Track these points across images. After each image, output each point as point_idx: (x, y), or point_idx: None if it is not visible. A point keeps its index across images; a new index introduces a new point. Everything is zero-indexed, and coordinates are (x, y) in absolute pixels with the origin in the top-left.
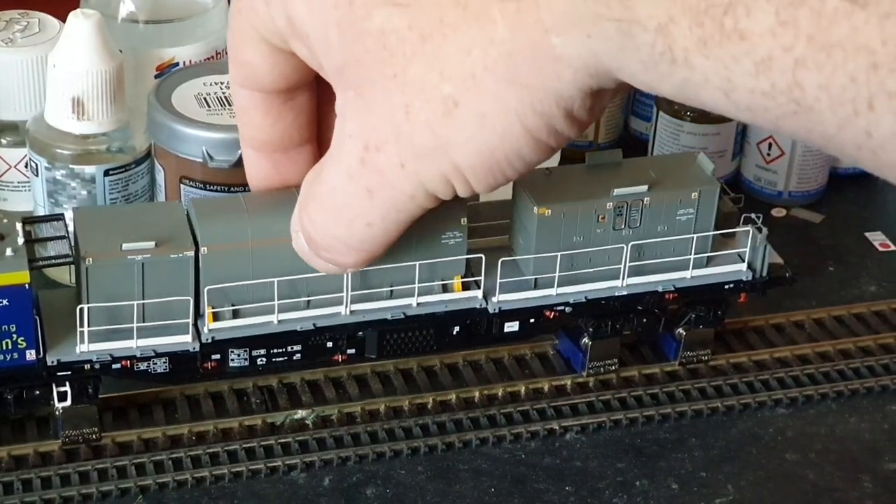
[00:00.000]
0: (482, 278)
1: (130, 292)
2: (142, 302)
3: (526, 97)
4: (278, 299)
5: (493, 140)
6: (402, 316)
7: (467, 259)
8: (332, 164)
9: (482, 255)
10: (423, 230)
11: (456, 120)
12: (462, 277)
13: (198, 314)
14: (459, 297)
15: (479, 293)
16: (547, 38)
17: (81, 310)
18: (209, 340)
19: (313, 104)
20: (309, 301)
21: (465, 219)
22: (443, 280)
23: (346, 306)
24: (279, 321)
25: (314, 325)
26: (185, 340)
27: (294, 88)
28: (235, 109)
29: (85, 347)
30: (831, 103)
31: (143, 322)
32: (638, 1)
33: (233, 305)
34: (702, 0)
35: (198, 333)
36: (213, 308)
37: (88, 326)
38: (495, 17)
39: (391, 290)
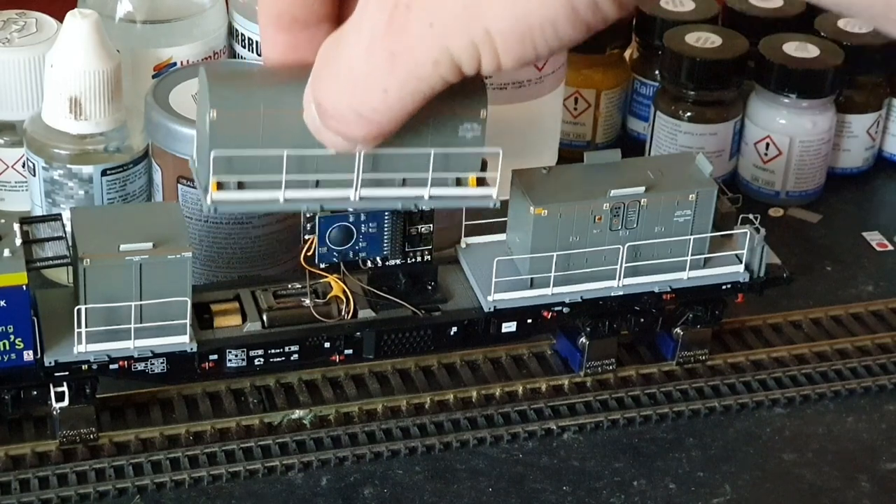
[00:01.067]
0: (498, 175)
1: (128, 293)
2: (139, 303)
3: None
4: (286, 175)
5: (530, 5)
6: (414, 208)
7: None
8: (353, 27)
9: (499, 150)
10: (440, 118)
11: None
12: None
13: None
14: (473, 192)
15: (493, 191)
16: None
17: (79, 310)
18: (213, 211)
19: None
20: (318, 182)
21: (485, 111)
22: (457, 174)
23: (356, 190)
24: (285, 199)
25: (321, 206)
26: (182, 341)
27: None
28: None
29: (83, 348)
30: None
31: (141, 323)
32: None
33: (239, 178)
34: None
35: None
36: (218, 178)
37: (86, 327)
38: None
39: (403, 180)
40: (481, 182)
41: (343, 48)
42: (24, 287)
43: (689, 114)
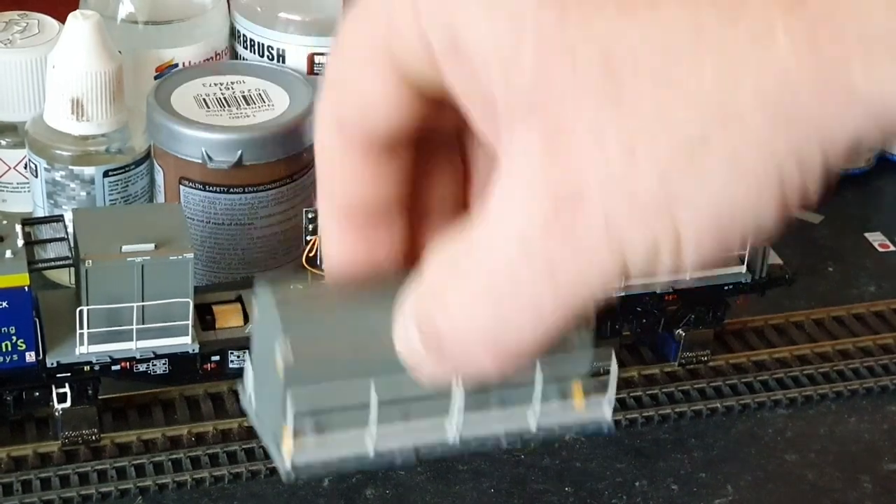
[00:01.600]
0: (612, 391)
1: (130, 294)
2: (141, 304)
3: (795, 140)
4: (372, 413)
5: (738, 193)
6: (518, 444)
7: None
8: (493, 231)
9: (612, 349)
10: None
11: (698, 164)
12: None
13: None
14: (585, 416)
15: (607, 412)
16: (847, 70)
17: (81, 311)
18: (291, 478)
19: (413, 167)
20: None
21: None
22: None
23: (456, 428)
24: (376, 452)
25: (416, 454)
26: (184, 342)
27: (403, 141)
28: (318, 159)
29: (84, 349)
30: None
31: (143, 324)
32: None
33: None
34: None
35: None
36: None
37: (88, 328)
38: (778, 35)
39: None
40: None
41: (480, 255)
42: (26, 288)
43: None
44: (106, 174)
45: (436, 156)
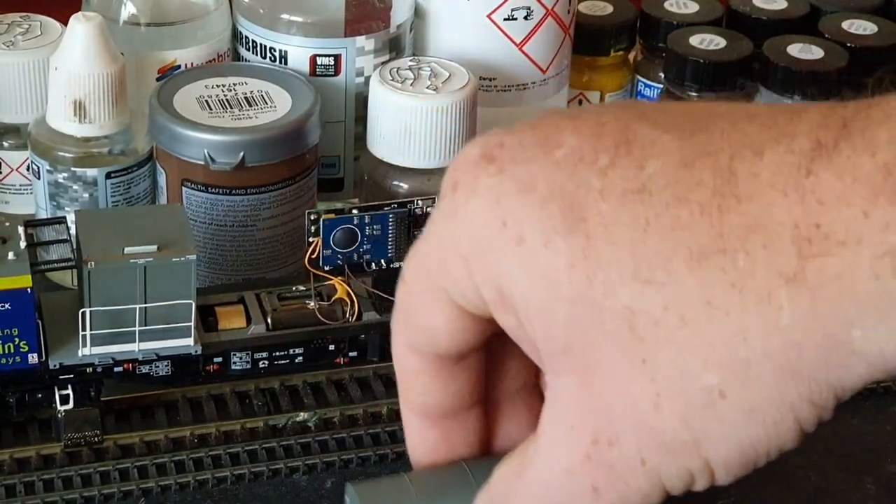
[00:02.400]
0: None
1: (132, 296)
2: (144, 305)
3: (805, 389)
4: None
5: (759, 434)
6: None
7: None
8: (544, 458)
9: None
10: None
11: (718, 412)
12: None
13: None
14: None
15: None
16: (846, 330)
17: (83, 313)
18: None
19: (484, 362)
20: None
21: None
22: None
23: None
24: None
25: None
26: (187, 343)
27: (471, 353)
28: (399, 373)
29: (87, 351)
30: None
31: (146, 325)
32: None
33: None
34: None
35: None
36: None
37: (90, 330)
38: (781, 302)
39: None
40: None
41: (535, 479)
42: (29, 290)
43: None
44: (108, 176)
45: (508, 347)
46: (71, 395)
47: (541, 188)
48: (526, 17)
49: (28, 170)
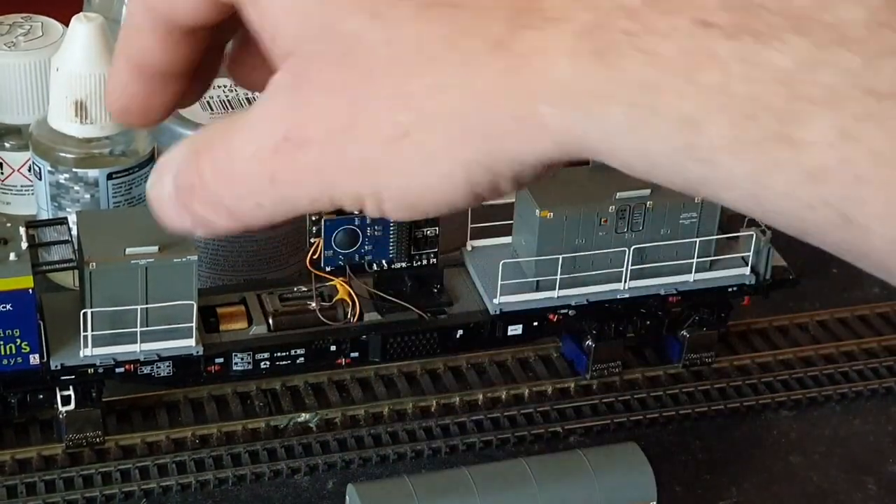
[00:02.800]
0: None
1: (134, 296)
2: (145, 306)
3: (484, 152)
4: None
5: (430, 181)
6: None
7: None
8: (243, 131)
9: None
10: None
11: (400, 149)
12: None
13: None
14: None
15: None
16: (535, 104)
17: (85, 314)
18: None
19: (210, 41)
20: None
21: None
22: None
23: None
24: None
25: None
26: (188, 344)
27: (203, 30)
28: (127, 27)
29: (89, 351)
30: (891, 221)
31: (147, 326)
32: (663, 89)
33: None
34: (747, 100)
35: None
36: None
37: (92, 330)
38: (480, 65)
39: None
40: None
41: (231, 144)
42: (31, 290)
43: None
44: (110, 177)
45: (228, 36)
46: (72, 396)
47: None
48: None
49: (29, 170)
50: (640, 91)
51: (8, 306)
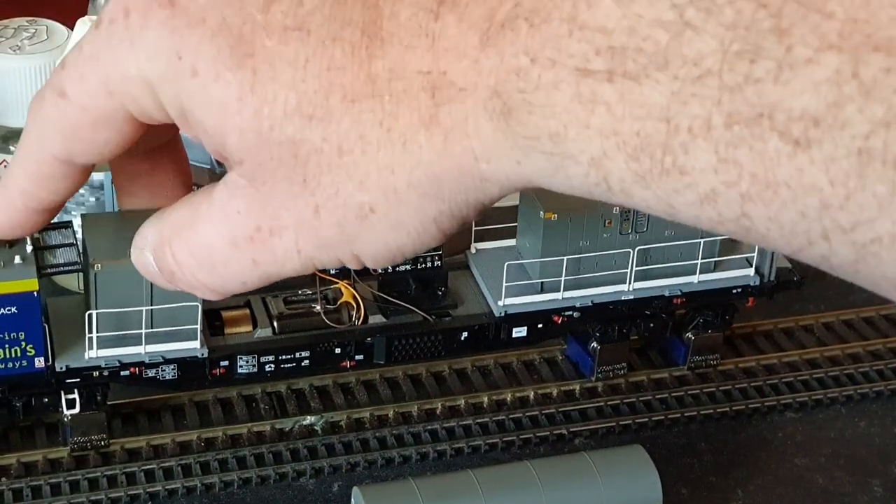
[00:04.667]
0: None
1: (139, 298)
2: (150, 308)
3: (445, 206)
4: None
5: (404, 240)
6: None
7: None
8: (213, 224)
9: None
10: None
11: (369, 224)
12: None
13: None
14: None
15: None
16: (476, 164)
17: (90, 315)
18: None
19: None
20: None
21: None
22: None
23: None
24: None
25: None
26: (193, 346)
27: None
28: (29, 171)
29: (94, 353)
30: (783, 233)
31: (152, 328)
32: (568, 137)
33: None
34: (635, 137)
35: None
36: None
37: (97, 332)
38: (421, 142)
39: None
40: None
41: (202, 238)
42: (36, 293)
43: None
44: None
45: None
46: (77, 399)
47: (210, 22)
48: None
49: None
50: (551, 141)
51: (13, 309)
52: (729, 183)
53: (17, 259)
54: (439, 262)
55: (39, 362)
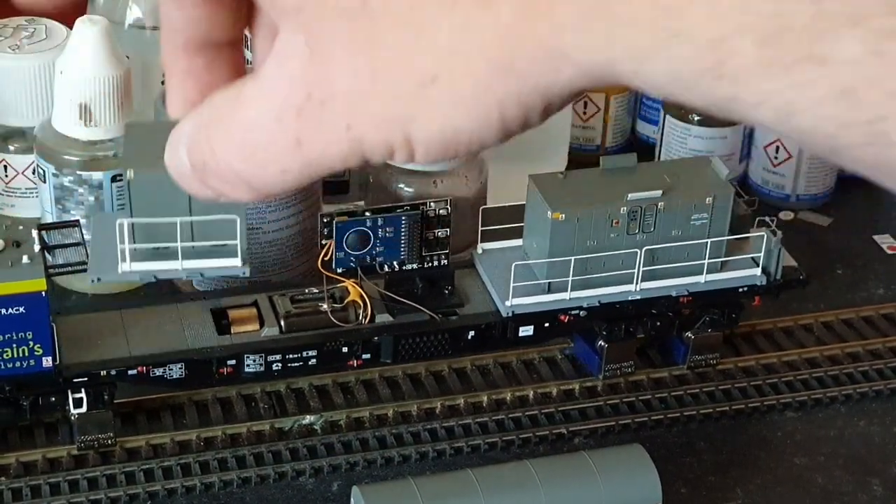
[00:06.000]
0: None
1: (177, 210)
2: (189, 219)
3: (514, 87)
4: None
5: (463, 123)
6: None
7: None
8: (258, 99)
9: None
10: None
11: (429, 95)
12: None
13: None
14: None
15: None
16: (559, 33)
17: (121, 224)
18: None
19: (239, 19)
20: None
21: None
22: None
23: None
24: None
25: None
26: (234, 263)
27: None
28: (164, 5)
29: (128, 266)
30: None
31: (192, 241)
32: (690, 9)
33: None
34: (774, 18)
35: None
36: None
37: (132, 243)
38: (503, 3)
39: None
40: None
41: (244, 115)
42: (43, 293)
43: (698, 117)
44: (114, 179)
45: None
46: (84, 399)
47: None
48: None
49: (33, 173)
50: (664, 14)
51: (21, 309)
52: (875, 78)
53: (25, 259)
54: (446, 262)
55: (47, 362)
